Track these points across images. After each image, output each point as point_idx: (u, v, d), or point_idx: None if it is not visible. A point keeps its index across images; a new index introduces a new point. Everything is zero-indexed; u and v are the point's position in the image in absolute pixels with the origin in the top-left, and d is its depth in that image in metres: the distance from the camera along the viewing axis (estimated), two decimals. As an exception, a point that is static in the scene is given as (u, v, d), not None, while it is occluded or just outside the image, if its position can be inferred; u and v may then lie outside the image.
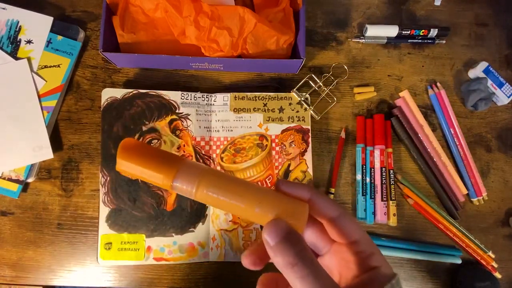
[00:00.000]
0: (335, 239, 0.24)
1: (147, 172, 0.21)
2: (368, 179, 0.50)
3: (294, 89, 0.52)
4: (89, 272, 0.48)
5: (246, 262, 0.22)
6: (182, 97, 0.50)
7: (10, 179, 0.47)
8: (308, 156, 0.50)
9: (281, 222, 0.20)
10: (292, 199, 0.22)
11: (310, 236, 0.24)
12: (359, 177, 0.51)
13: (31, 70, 0.48)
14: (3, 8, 0.49)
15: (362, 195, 0.50)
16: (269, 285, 0.23)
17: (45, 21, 0.49)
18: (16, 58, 0.48)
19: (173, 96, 0.50)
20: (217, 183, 0.21)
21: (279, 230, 0.19)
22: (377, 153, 0.51)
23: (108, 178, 0.48)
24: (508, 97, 0.54)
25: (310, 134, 0.51)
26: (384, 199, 0.50)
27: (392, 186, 0.50)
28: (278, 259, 0.19)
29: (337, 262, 0.24)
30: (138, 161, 0.21)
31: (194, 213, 0.48)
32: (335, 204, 0.23)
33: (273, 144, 0.50)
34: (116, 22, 0.47)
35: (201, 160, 0.49)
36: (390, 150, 0.51)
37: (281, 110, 0.51)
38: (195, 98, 0.50)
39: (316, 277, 0.18)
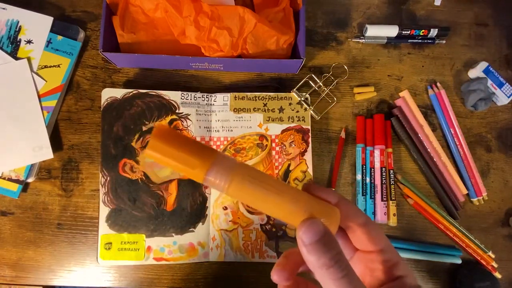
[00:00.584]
0: (359, 247, 0.23)
1: (181, 161, 0.20)
2: (368, 179, 0.50)
3: (294, 89, 0.52)
4: (89, 272, 0.48)
5: (276, 278, 0.21)
6: (182, 97, 0.50)
7: (10, 179, 0.47)
8: (308, 156, 0.50)
9: (318, 221, 0.19)
10: (324, 202, 0.21)
11: None
12: (359, 177, 0.51)
13: (31, 70, 0.48)
14: (3, 8, 0.49)
15: (362, 195, 0.50)
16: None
17: (45, 21, 0.49)
18: (16, 58, 0.48)
19: (173, 96, 0.50)
20: (252, 177, 0.20)
21: (316, 229, 0.19)
22: (377, 153, 0.51)
23: (108, 178, 0.48)
24: (508, 97, 0.54)
25: (310, 134, 0.51)
26: (384, 199, 0.50)
27: (392, 186, 0.50)
28: (313, 259, 0.18)
29: (362, 270, 0.23)
30: (172, 147, 0.20)
31: (194, 213, 0.48)
32: (361, 211, 0.23)
33: (273, 144, 0.50)
34: (116, 22, 0.47)
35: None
36: (390, 150, 0.51)
37: (281, 110, 0.51)
38: (195, 98, 0.50)
39: (350, 281, 0.18)
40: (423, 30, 0.54)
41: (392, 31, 0.54)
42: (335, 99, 0.53)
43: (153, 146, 0.19)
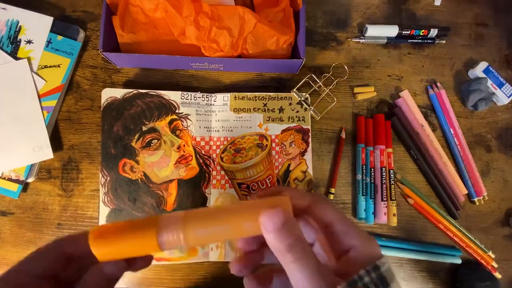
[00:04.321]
0: (316, 227, 0.24)
1: (129, 246, 0.20)
2: (368, 179, 0.50)
3: (294, 89, 0.52)
4: (89, 272, 0.48)
5: (233, 270, 0.23)
6: (182, 97, 0.50)
7: (10, 179, 0.47)
8: (308, 156, 0.50)
9: (277, 209, 0.20)
10: (272, 197, 0.22)
11: None
12: (359, 177, 0.51)
13: (31, 70, 0.48)
14: (3, 8, 0.49)
15: (362, 195, 0.50)
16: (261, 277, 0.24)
17: (45, 21, 0.49)
18: (16, 58, 0.48)
19: (173, 96, 0.50)
20: (202, 220, 0.21)
21: (276, 217, 0.19)
22: (377, 153, 0.51)
23: (108, 178, 0.48)
24: (508, 97, 0.54)
25: (310, 134, 0.51)
26: (384, 199, 0.50)
27: (392, 186, 0.50)
28: (277, 244, 0.19)
29: (323, 249, 0.24)
30: (114, 243, 0.20)
31: (194, 213, 0.48)
32: (307, 193, 0.23)
33: (273, 144, 0.50)
34: (116, 22, 0.47)
35: (201, 160, 0.49)
36: (390, 150, 0.51)
37: (281, 110, 0.51)
38: (195, 98, 0.50)
39: (308, 262, 0.19)
40: (423, 30, 0.54)
41: (392, 31, 0.54)
42: (335, 99, 0.53)
43: (98, 253, 0.20)
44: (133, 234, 0.20)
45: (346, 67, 0.53)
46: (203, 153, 0.50)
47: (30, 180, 0.48)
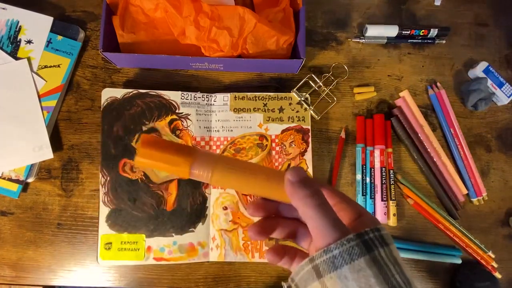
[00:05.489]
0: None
1: (167, 161, 0.23)
2: (368, 179, 0.50)
3: (294, 89, 0.52)
4: (89, 272, 0.48)
5: (251, 233, 0.25)
6: (182, 97, 0.50)
7: (10, 179, 0.47)
8: (308, 156, 0.50)
9: (300, 167, 0.23)
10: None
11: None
12: (359, 177, 0.51)
13: (31, 70, 0.48)
14: (3, 8, 0.49)
15: (362, 195, 0.50)
16: (278, 252, 0.25)
17: (45, 21, 0.49)
18: (16, 58, 0.48)
19: (173, 96, 0.50)
20: (231, 165, 0.24)
21: (299, 171, 0.22)
22: (377, 153, 0.51)
23: (108, 178, 0.48)
24: (508, 97, 0.54)
25: (310, 134, 0.51)
26: (384, 199, 0.50)
27: (392, 186, 0.50)
28: (299, 192, 0.21)
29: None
30: (158, 152, 0.23)
31: (194, 213, 0.48)
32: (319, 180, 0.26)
33: (273, 144, 0.50)
34: (116, 22, 0.47)
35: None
36: (390, 150, 0.51)
37: (281, 110, 0.51)
38: (195, 98, 0.50)
39: (327, 208, 0.21)
40: (423, 30, 0.54)
41: (392, 31, 0.54)
42: (335, 99, 0.53)
43: (141, 154, 0.23)
44: (173, 158, 0.23)
45: (346, 67, 0.53)
46: (203, 153, 0.50)
47: (30, 180, 0.48)
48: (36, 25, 0.49)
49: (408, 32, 0.54)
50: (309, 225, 0.21)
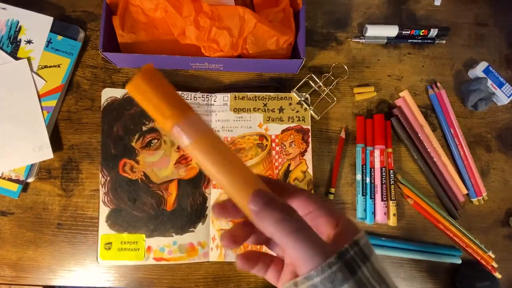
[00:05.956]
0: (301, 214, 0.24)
1: (156, 107, 0.20)
2: (368, 179, 0.50)
3: (294, 89, 0.52)
4: (89, 272, 0.48)
5: (224, 243, 0.22)
6: (182, 97, 0.50)
7: (10, 179, 0.47)
8: (308, 156, 0.50)
9: (262, 189, 0.20)
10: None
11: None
12: (359, 177, 0.51)
13: (31, 70, 0.48)
14: (3, 8, 0.49)
15: (362, 195, 0.50)
16: (250, 258, 0.23)
17: (45, 21, 0.49)
18: (16, 58, 0.48)
19: (173, 96, 0.50)
20: (215, 145, 0.21)
21: (261, 195, 0.20)
22: (377, 153, 0.51)
23: (108, 178, 0.48)
24: (508, 97, 0.54)
25: (310, 134, 0.51)
26: (384, 199, 0.50)
27: (392, 186, 0.50)
28: (267, 219, 0.19)
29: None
30: (152, 92, 0.20)
31: (194, 213, 0.48)
32: (299, 188, 0.24)
33: (273, 144, 0.50)
34: (116, 22, 0.47)
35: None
36: (390, 150, 0.51)
37: (281, 110, 0.51)
38: (195, 98, 0.50)
39: (303, 230, 0.19)
40: (423, 30, 0.54)
41: (392, 31, 0.54)
42: (335, 99, 0.53)
43: (135, 85, 0.20)
44: (163, 107, 0.20)
45: (346, 67, 0.53)
46: (203, 153, 0.50)
47: (30, 180, 0.48)
48: (36, 25, 0.49)
49: (408, 32, 0.54)
50: (287, 252, 0.19)
